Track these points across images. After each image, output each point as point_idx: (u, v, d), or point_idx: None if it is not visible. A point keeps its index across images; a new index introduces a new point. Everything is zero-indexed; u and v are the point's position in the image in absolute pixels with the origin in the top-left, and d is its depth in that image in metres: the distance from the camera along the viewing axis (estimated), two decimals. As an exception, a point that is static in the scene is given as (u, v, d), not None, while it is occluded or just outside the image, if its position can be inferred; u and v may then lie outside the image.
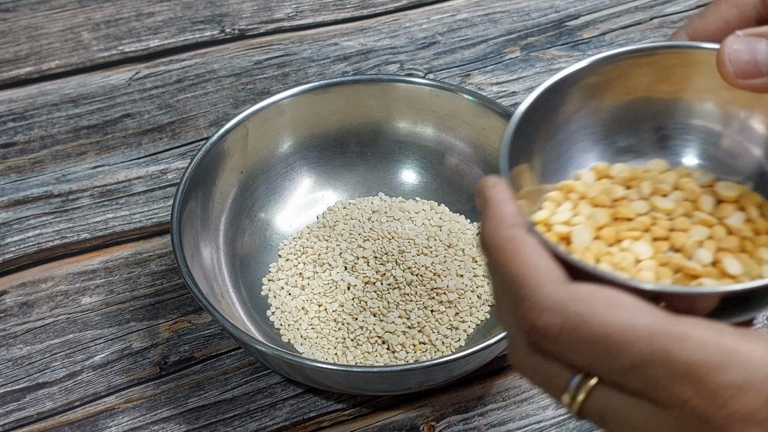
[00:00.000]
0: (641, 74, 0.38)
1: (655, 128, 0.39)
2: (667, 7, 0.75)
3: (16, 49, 0.71)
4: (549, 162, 0.38)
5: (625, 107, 0.39)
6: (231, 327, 0.46)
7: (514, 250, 0.30)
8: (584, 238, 0.35)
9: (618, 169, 0.38)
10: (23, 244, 0.58)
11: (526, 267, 0.30)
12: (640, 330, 0.28)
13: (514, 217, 0.31)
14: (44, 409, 0.51)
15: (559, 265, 0.30)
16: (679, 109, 0.39)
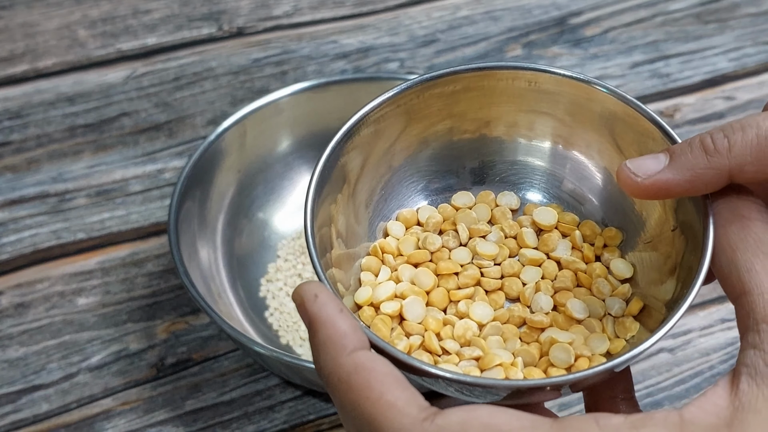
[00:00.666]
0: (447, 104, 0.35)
1: (470, 164, 0.37)
2: (671, 4, 0.74)
3: (11, 46, 0.70)
4: (357, 219, 0.35)
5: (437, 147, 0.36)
6: (229, 328, 0.46)
7: (363, 386, 0.26)
8: (417, 311, 0.32)
9: (426, 213, 0.36)
10: (19, 245, 0.58)
11: (380, 407, 0.26)
12: None
13: (352, 338, 0.27)
14: (40, 411, 0.51)
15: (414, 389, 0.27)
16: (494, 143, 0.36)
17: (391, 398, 0.26)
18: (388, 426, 0.25)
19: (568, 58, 0.70)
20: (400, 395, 0.26)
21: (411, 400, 0.26)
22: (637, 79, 0.69)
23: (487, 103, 0.35)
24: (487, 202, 0.36)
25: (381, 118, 0.35)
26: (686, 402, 0.51)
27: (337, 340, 0.27)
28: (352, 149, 0.34)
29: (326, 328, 0.27)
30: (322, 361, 0.27)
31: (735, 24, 0.73)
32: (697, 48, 0.71)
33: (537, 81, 0.34)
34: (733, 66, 0.70)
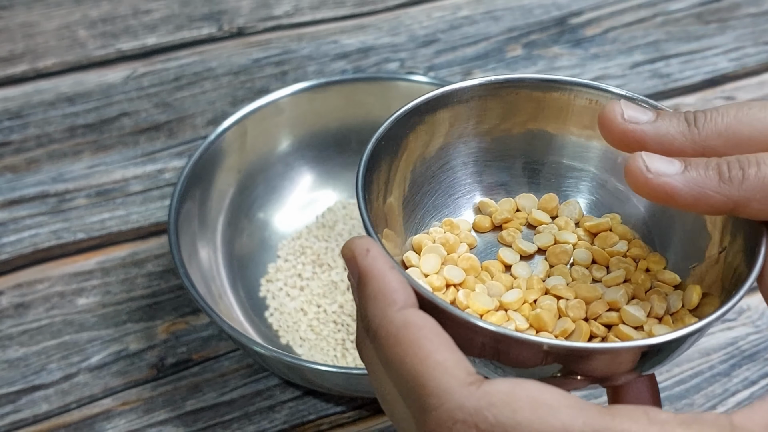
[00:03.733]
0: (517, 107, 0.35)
1: (524, 166, 0.37)
2: (671, 4, 0.74)
3: (11, 46, 0.70)
4: (405, 204, 0.35)
5: (491, 142, 0.36)
6: (229, 328, 0.46)
7: (412, 343, 0.26)
8: (484, 302, 0.32)
9: (464, 226, 0.36)
10: (19, 245, 0.58)
11: (429, 367, 0.25)
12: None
13: (402, 294, 0.27)
14: (40, 411, 0.50)
15: (462, 354, 0.26)
16: (551, 147, 0.37)
17: (440, 358, 0.25)
18: (435, 385, 0.25)
19: (568, 58, 0.70)
20: (449, 356, 0.26)
21: (459, 362, 0.26)
22: (637, 79, 0.69)
23: (546, 111, 0.36)
24: (549, 210, 0.37)
25: (447, 107, 0.35)
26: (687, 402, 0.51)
27: (388, 294, 0.27)
28: (407, 135, 0.34)
29: (377, 282, 0.27)
30: (370, 315, 0.27)
31: (735, 24, 0.73)
32: (697, 48, 0.71)
33: (598, 101, 0.35)
34: (734, 66, 0.70)
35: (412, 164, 0.35)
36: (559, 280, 0.34)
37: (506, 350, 0.28)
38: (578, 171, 0.37)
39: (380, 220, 0.33)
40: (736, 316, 0.55)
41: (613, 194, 0.37)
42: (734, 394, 0.51)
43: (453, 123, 0.36)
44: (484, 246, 0.36)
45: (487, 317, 0.32)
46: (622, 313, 0.32)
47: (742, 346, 0.54)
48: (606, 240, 0.35)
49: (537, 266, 0.35)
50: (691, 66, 0.70)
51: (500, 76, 0.35)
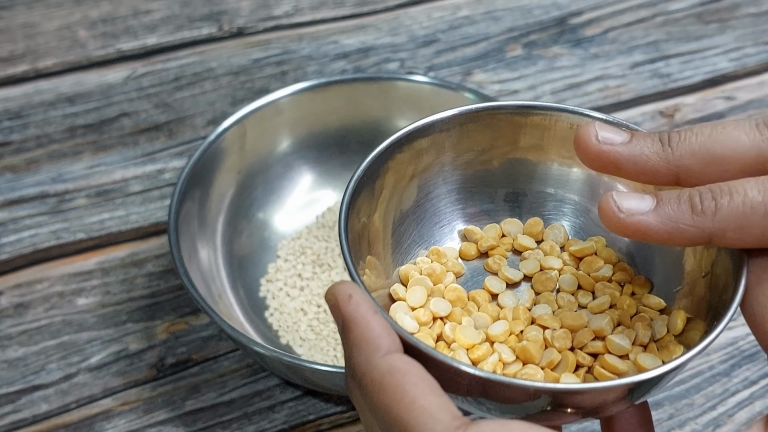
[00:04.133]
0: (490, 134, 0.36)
1: (507, 193, 0.37)
2: (671, 4, 0.74)
3: (11, 47, 0.70)
4: (391, 234, 0.35)
5: (474, 170, 0.36)
6: (229, 328, 0.46)
7: (396, 388, 0.26)
8: (470, 336, 0.32)
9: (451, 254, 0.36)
10: (18, 245, 0.58)
11: (414, 412, 0.25)
12: None
13: (386, 340, 0.27)
14: (39, 411, 0.50)
15: (446, 396, 0.26)
16: (533, 173, 0.37)
17: (425, 403, 0.26)
18: (420, 431, 0.25)
19: (568, 58, 0.70)
20: (433, 401, 0.26)
21: (444, 406, 0.26)
22: (637, 79, 0.69)
23: (527, 138, 0.36)
24: (535, 234, 0.37)
25: (424, 140, 0.35)
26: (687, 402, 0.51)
27: (372, 341, 0.27)
28: (389, 168, 0.34)
29: (360, 329, 0.27)
30: (355, 361, 0.27)
31: (736, 24, 0.73)
32: (697, 48, 0.71)
33: (578, 125, 0.35)
34: (734, 66, 0.70)
35: (397, 195, 0.35)
36: (545, 308, 0.34)
37: (493, 391, 0.29)
38: (560, 198, 0.37)
39: (363, 251, 0.33)
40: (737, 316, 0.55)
41: (596, 220, 0.36)
42: (734, 394, 0.51)
43: (435, 153, 0.36)
44: (470, 274, 0.36)
45: (472, 351, 0.32)
46: (608, 342, 0.32)
47: (742, 346, 0.54)
48: (591, 264, 0.35)
49: (523, 294, 0.35)
50: (691, 66, 0.70)
51: (479, 105, 0.35)
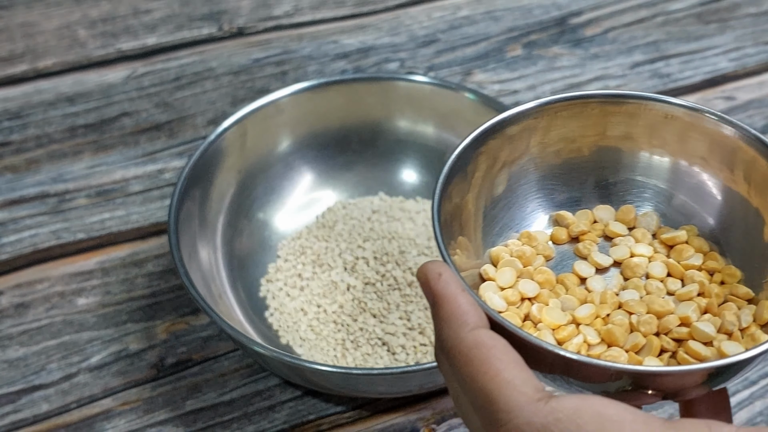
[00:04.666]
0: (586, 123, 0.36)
1: (597, 180, 0.38)
2: (671, 4, 0.74)
3: (11, 46, 0.70)
4: (482, 218, 0.36)
5: (564, 158, 0.37)
6: (229, 328, 0.46)
7: (482, 362, 0.27)
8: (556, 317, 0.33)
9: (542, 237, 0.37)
10: (19, 245, 0.58)
11: (498, 384, 0.27)
12: None
13: (473, 316, 0.28)
14: (40, 411, 0.51)
15: (530, 371, 0.28)
16: (622, 161, 0.37)
17: (509, 376, 0.27)
18: (504, 401, 0.26)
19: (569, 58, 0.70)
20: (517, 374, 0.27)
21: (527, 380, 0.27)
22: (637, 79, 0.69)
23: (616, 126, 0.37)
24: (627, 221, 0.37)
25: (516, 127, 0.36)
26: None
27: (459, 317, 0.28)
28: (482, 153, 0.35)
29: (449, 305, 0.28)
30: (444, 335, 0.28)
31: (735, 24, 0.73)
32: (697, 48, 0.71)
33: (673, 114, 0.36)
34: (734, 66, 0.70)
35: (489, 180, 0.36)
36: (632, 294, 0.35)
37: (574, 370, 0.29)
38: (650, 186, 0.38)
39: (455, 232, 0.34)
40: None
41: (684, 208, 0.37)
42: (734, 395, 0.51)
43: (527, 140, 0.36)
44: (560, 258, 0.37)
45: (558, 332, 0.33)
46: (693, 329, 0.33)
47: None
48: (682, 253, 0.36)
49: (612, 279, 0.36)
50: (691, 66, 0.70)
51: (571, 93, 0.36)
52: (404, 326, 0.52)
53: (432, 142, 0.58)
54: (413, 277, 0.53)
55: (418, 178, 0.59)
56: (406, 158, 0.59)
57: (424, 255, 0.54)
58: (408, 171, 0.59)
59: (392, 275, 0.53)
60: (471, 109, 0.56)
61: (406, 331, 0.52)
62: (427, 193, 0.58)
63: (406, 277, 0.53)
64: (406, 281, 0.53)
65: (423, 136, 0.58)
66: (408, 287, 0.53)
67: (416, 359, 0.51)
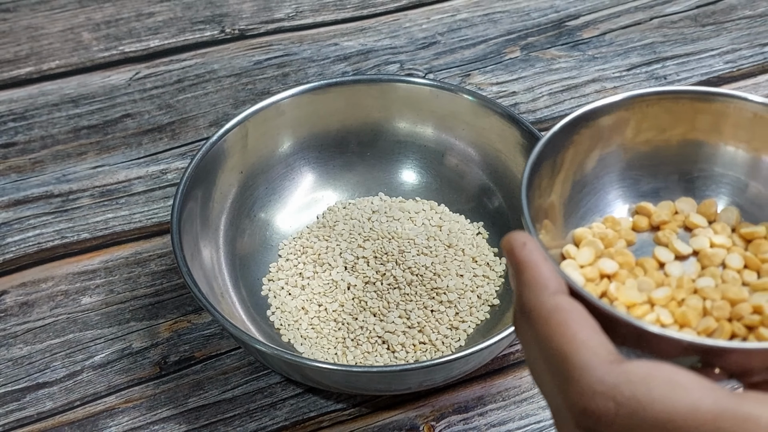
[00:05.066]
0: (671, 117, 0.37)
1: (680, 173, 0.39)
2: (667, 7, 0.75)
3: (16, 49, 0.71)
4: (567, 202, 0.37)
5: (650, 150, 0.38)
6: (231, 327, 0.46)
7: (560, 323, 0.29)
8: (633, 295, 0.34)
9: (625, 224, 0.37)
10: (23, 244, 0.58)
11: (574, 345, 0.28)
12: (703, 413, 0.26)
13: (554, 282, 0.30)
14: (44, 408, 0.51)
15: (606, 336, 0.29)
16: (705, 155, 0.38)
17: (584, 337, 0.28)
18: (578, 361, 0.28)
19: (566, 60, 0.71)
20: (593, 336, 0.28)
21: (602, 343, 0.28)
22: (634, 81, 0.70)
23: (704, 122, 0.38)
24: (708, 215, 0.38)
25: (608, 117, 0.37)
26: None
27: (541, 281, 0.29)
28: (573, 141, 0.36)
29: (532, 270, 0.30)
30: (525, 298, 0.30)
31: (731, 26, 0.74)
32: (693, 50, 0.72)
33: (761, 114, 0.37)
34: (729, 68, 0.71)
35: (575, 167, 0.37)
36: (708, 281, 0.35)
37: (647, 343, 0.30)
38: (733, 181, 0.39)
39: (540, 215, 0.36)
40: None
41: (765, 205, 0.38)
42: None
43: (617, 131, 0.37)
44: (640, 244, 0.38)
45: (633, 310, 0.34)
46: (765, 317, 0.33)
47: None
48: (760, 247, 0.36)
49: (690, 267, 0.36)
50: (687, 68, 0.70)
51: (662, 89, 0.37)
52: (404, 325, 0.52)
53: (431, 143, 0.59)
54: (413, 276, 0.53)
55: (418, 178, 0.59)
56: (405, 159, 0.59)
57: (423, 254, 0.54)
58: (407, 172, 0.59)
59: (392, 274, 0.54)
60: (470, 111, 0.57)
61: (406, 330, 0.52)
62: (426, 194, 0.59)
63: (405, 276, 0.53)
64: (406, 280, 0.53)
65: (422, 137, 0.59)
66: (408, 286, 0.53)
67: (415, 357, 0.51)
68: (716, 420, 0.26)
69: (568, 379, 0.28)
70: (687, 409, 0.26)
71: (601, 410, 0.27)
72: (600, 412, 0.27)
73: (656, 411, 0.26)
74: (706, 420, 0.26)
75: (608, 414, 0.27)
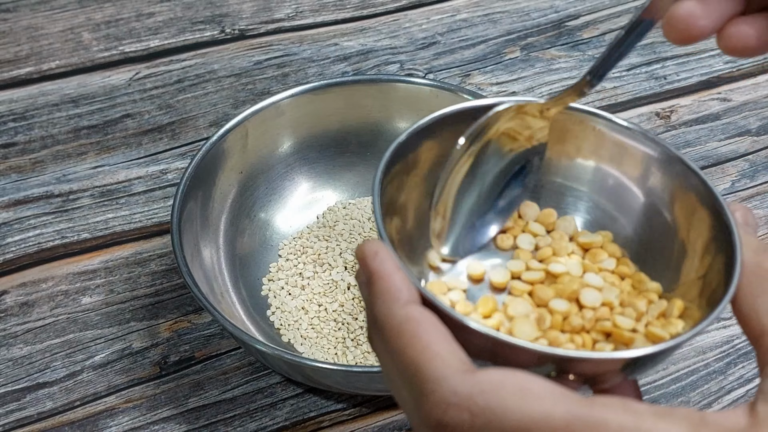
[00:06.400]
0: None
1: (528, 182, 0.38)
2: (667, 7, 0.75)
3: (16, 49, 0.71)
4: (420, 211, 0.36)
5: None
6: (231, 327, 0.46)
7: (412, 335, 0.28)
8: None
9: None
10: (23, 244, 0.58)
11: (426, 356, 0.27)
12: (556, 421, 0.26)
13: (405, 293, 0.29)
14: (44, 408, 0.51)
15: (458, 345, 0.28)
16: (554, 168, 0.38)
17: (437, 348, 0.28)
18: (431, 373, 0.27)
19: (566, 60, 0.71)
20: (445, 347, 0.28)
21: (454, 352, 0.28)
22: (634, 80, 0.70)
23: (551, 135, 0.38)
24: (547, 224, 0.38)
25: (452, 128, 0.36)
26: (683, 400, 0.52)
27: (393, 293, 0.29)
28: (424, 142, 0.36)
29: (383, 281, 0.29)
30: (376, 310, 0.29)
31: (731, 26, 0.74)
32: (693, 50, 0.72)
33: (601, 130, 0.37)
34: (729, 68, 0.71)
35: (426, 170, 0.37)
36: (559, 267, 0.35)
37: (500, 352, 0.30)
38: (574, 192, 0.39)
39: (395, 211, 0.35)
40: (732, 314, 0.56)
41: (603, 215, 0.38)
42: (729, 392, 0.52)
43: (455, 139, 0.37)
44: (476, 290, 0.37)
45: (487, 321, 0.33)
46: (614, 322, 0.33)
47: (737, 345, 0.54)
48: (596, 256, 0.37)
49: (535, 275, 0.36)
50: (687, 68, 0.70)
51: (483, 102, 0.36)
52: (403, 324, 0.52)
53: (431, 143, 0.59)
54: (412, 276, 0.53)
55: (418, 178, 0.59)
56: (405, 159, 0.59)
57: (423, 254, 0.54)
58: (407, 172, 0.59)
59: (392, 274, 0.54)
60: (469, 111, 0.57)
61: (406, 330, 0.52)
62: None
63: (405, 276, 0.53)
64: (406, 280, 0.53)
65: (422, 137, 0.59)
66: (407, 286, 0.53)
67: (415, 357, 0.51)
68: (569, 426, 0.26)
69: (422, 393, 0.27)
70: (540, 417, 0.26)
71: (456, 422, 0.26)
72: (454, 423, 0.26)
73: (510, 420, 0.26)
74: (559, 427, 0.26)
75: (463, 425, 0.26)
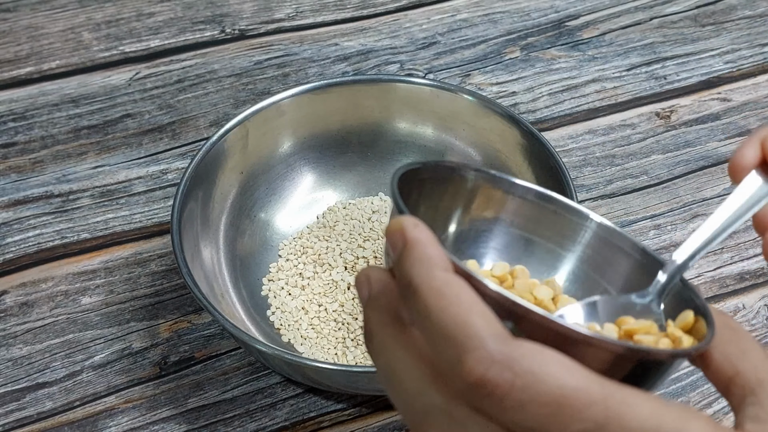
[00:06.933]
0: None
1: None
2: (667, 7, 0.75)
3: (16, 49, 0.71)
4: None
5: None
6: (231, 327, 0.46)
7: (456, 295, 0.28)
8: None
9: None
10: (23, 244, 0.58)
11: (472, 315, 0.28)
12: (594, 394, 0.27)
13: (445, 260, 0.29)
14: (44, 408, 0.51)
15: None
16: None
17: (479, 309, 0.28)
18: (476, 330, 0.27)
19: (566, 60, 0.71)
20: (487, 312, 0.28)
21: (495, 318, 0.28)
22: (634, 80, 0.70)
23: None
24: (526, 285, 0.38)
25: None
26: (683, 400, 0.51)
27: (434, 258, 0.29)
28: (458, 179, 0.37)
29: (424, 247, 0.30)
30: (414, 273, 0.29)
31: (731, 26, 0.74)
32: (693, 50, 0.72)
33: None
34: (729, 68, 0.71)
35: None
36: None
37: (530, 329, 0.30)
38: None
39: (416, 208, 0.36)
40: (731, 315, 0.56)
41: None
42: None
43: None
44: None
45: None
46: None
47: (737, 345, 0.54)
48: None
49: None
50: (687, 68, 0.70)
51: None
52: (404, 325, 0.52)
53: (431, 143, 0.59)
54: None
55: (418, 178, 0.59)
56: (405, 159, 0.59)
57: (423, 255, 0.54)
58: (407, 172, 0.59)
59: (392, 274, 0.54)
60: (470, 111, 0.57)
61: (406, 330, 0.52)
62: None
63: (405, 276, 0.53)
64: (406, 280, 0.53)
65: (422, 137, 0.59)
66: (407, 286, 0.53)
67: (415, 357, 0.51)
68: (606, 400, 0.27)
69: (465, 348, 0.27)
70: (580, 386, 0.27)
71: (498, 381, 0.27)
72: (496, 381, 0.27)
73: (550, 386, 0.27)
74: (597, 400, 0.27)
75: (504, 384, 0.27)
